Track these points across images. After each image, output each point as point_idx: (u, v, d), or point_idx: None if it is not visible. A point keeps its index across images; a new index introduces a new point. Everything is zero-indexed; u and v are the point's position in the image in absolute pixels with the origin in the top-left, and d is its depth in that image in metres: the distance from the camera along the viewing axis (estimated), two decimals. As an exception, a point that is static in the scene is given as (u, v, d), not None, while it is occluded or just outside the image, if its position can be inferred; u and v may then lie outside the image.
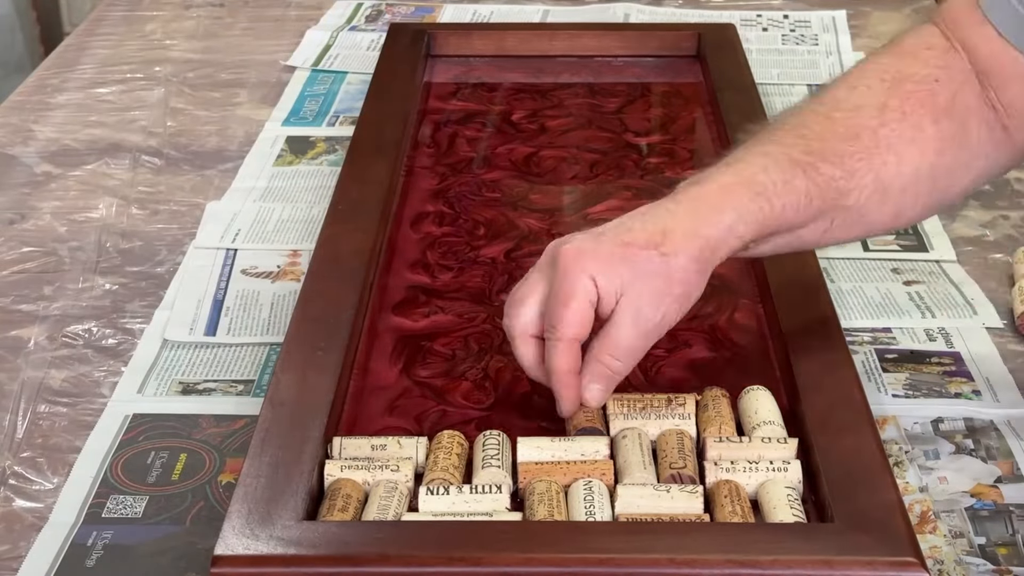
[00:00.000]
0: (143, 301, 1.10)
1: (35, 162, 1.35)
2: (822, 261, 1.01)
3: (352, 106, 1.44)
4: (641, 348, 0.82)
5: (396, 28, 1.48)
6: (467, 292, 1.03)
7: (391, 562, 0.72)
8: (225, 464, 0.90)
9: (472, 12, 1.70)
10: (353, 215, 1.07)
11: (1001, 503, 0.86)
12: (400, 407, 0.89)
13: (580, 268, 0.80)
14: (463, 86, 1.39)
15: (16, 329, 1.06)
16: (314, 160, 1.33)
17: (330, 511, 0.77)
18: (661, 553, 0.71)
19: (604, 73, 1.42)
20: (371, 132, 1.22)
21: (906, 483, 0.87)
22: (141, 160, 1.34)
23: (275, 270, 1.13)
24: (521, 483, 0.80)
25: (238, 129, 1.41)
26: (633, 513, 0.77)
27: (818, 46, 1.60)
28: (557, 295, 0.81)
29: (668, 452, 0.81)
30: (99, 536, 0.84)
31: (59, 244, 1.19)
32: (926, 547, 0.80)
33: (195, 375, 1.00)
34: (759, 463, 0.80)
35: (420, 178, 1.20)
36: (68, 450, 0.92)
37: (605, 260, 0.80)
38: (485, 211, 1.14)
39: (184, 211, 1.24)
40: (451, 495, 0.77)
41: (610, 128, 1.29)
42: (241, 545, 0.72)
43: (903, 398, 0.96)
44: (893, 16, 1.71)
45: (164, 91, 1.50)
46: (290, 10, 1.76)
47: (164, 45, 1.65)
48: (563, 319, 0.80)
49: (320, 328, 0.91)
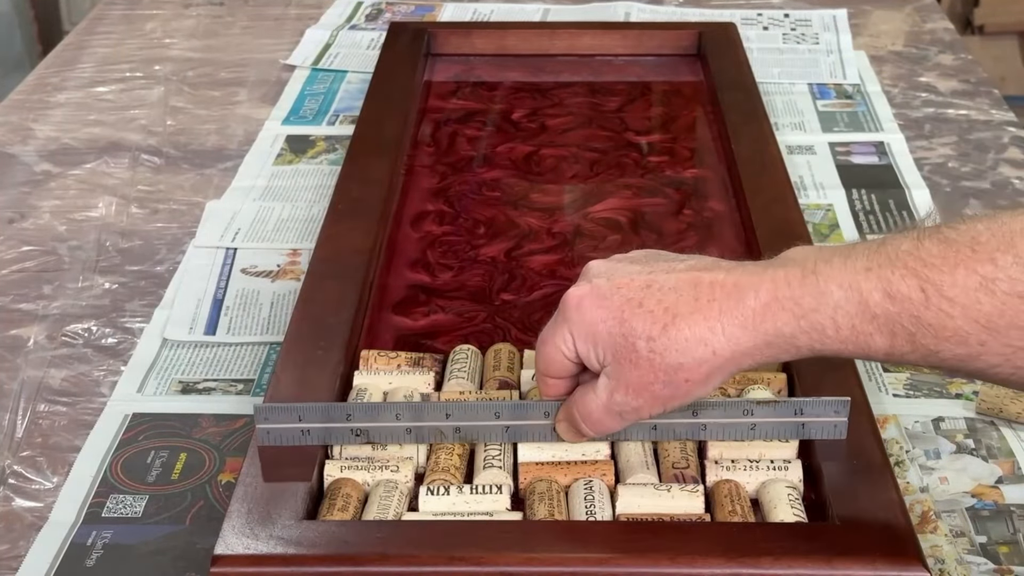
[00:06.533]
0: (143, 300, 1.10)
1: (34, 161, 1.34)
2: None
3: (352, 105, 1.44)
4: (613, 426, 0.76)
5: (396, 27, 1.48)
6: (467, 291, 1.03)
7: (391, 562, 0.71)
8: (225, 463, 0.90)
9: (472, 11, 1.70)
10: (353, 214, 1.06)
11: (1002, 503, 0.86)
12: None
13: (566, 320, 0.75)
14: (463, 85, 1.39)
15: (16, 328, 1.06)
16: (314, 159, 1.33)
17: (330, 511, 0.76)
18: (661, 553, 0.71)
19: (604, 72, 1.42)
20: (371, 131, 1.22)
21: (907, 483, 0.87)
22: (141, 159, 1.34)
23: (275, 269, 1.13)
24: (522, 483, 0.80)
25: (238, 128, 1.41)
26: (634, 513, 0.77)
27: (819, 45, 1.60)
28: (544, 330, 0.77)
29: (671, 452, 0.81)
30: (99, 536, 0.83)
31: (59, 243, 1.19)
32: (927, 546, 0.80)
33: (195, 374, 1.00)
34: (760, 462, 0.80)
35: (420, 177, 1.20)
36: (68, 449, 0.92)
37: (597, 324, 0.73)
38: (485, 210, 1.14)
39: (184, 210, 1.24)
40: (451, 495, 0.77)
41: (610, 127, 1.29)
42: (241, 545, 0.72)
43: (904, 398, 0.96)
44: (894, 15, 1.71)
45: (164, 90, 1.50)
46: (290, 9, 1.76)
47: (164, 44, 1.65)
48: (537, 356, 0.78)
49: (320, 328, 0.91)
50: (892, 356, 0.70)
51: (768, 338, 0.71)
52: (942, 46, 1.62)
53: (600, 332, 0.73)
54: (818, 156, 1.32)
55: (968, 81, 1.52)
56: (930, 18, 1.71)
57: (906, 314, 0.68)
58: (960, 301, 0.67)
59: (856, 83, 1.49)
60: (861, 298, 0.69)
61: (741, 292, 0.71)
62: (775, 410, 0.79)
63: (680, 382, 0.72)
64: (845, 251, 0.71)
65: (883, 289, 0.68)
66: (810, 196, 1.24)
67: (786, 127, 1.38)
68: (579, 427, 0.77)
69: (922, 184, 1.26)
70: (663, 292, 0.72)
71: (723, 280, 0.72)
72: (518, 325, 0.98)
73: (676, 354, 0.72)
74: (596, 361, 0.74)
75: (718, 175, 1.19)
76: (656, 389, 0.73)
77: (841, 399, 0.79)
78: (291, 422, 0.79)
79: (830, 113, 1.42)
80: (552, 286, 1.03)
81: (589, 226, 1.11)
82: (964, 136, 1.38)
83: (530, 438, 0.80)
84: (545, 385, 0.78)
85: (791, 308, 0.70)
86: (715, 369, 0.72)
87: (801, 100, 1.45)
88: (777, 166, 1.14)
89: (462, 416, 0.80)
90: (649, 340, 0.72)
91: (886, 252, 0.69)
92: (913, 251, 0.68)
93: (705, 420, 0.79)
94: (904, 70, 1.55)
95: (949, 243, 0.68)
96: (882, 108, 1.43)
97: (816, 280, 0.70)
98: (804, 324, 0.70)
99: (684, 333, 0.71)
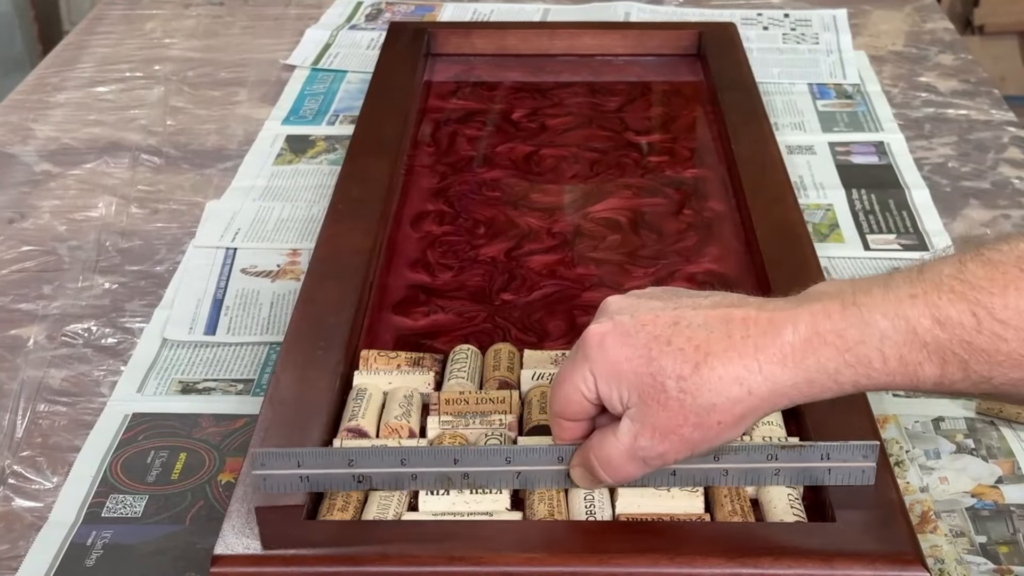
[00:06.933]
0: (142, 300, 1.10)
1: (34, 161, 1.34)
2: (822, 261, 1.01)
3: (352, 105, 1.44)
4: (634, 473, 0.72)
5: (396, 27, 1.48)
6: (467, 291, 1.02)
7: (391, 562, 0.71)
8: (225, 463, 0.90)
9: (472, 11, 1.70)
10: (353, 214, 1.06)
11: (1002, 503, 0.86)
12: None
13: (586, 359, 0.71)
14: (463, 85, 1.39)
15: (15, 328, 1.06)
16: (314, 159, 1.33)
17: (330, 511, 0.76)
18: (661, 553, 0.71)
19: (604, 72, 1.42)
20: (371, 131, 1.22)
21: (907, 483, 0.87)
22: (141, 159, 1.34)
23: (275, 269, 1.13)
24: (521, 483, 0.80)
25: (238, 128, 1.41)
26: (634, 513, 0.77)
27: (819, 45, 1.60)
28: (561, 370, 0.73)
29: (669, 452, 0.81)
30: (99, 536, 0.83)
31: (58, 243, 1.19)
32: (927, 546, 0.80)
33: (195, 374, 1.00)
34: (760, 463, 0.79)
35: (420, 177, 1.20)
36: (67, 449, 0.92)
37: (621, 363, 0.69)
38: (485, 210, 1.14)
39: (184, 210, 1.24)
40: (451, 495, 0.77)
41: (610, 127, 1.29)
42: (241, 545, 0.72)
43: (904, 397, 0.96)
44: (894, 15, 1.71)
45: (164, 90, 1.50)
46: (290, 9, 1.76)
47: (164, 44, 1.65)
48: (552, 396, 0.74)
49: (320, 328, 0.91)
50: (942, 385, 0.67)
51: (810, 375, 0.67)
52: (942, 46, 1.62)
53: (625, 372, 0.69)
54: (818, 156, 1.32)
55: (968, 81, 1.52)
56: (930, 18, 1.71)
57: (957, 340, 0.65)
58: (1014, 323, 0.64)
59: (856, 83, 1.49)
60: (909, 326, 0.66)
61: (777, 327, 0.68)
62: (800, 455, 0.75)
63: (712, 424, 0.68)
64: (883, 280, 0.68)
65: (931, 315, 0.65)
66: (810, 196, 1.24)
67: (786, 127, 1.38)
68: (597, 474, 0.73)
69: (922, 184, 1.26)
70: (692, 329, 0.69)
71: (756, 316, 0.68)
72: (518, 325, 0.98)
73: (709, 394, 0.68)
74: (619, 403, 0.70)
75: (718, 175, 1.19)
76: (685, 432, 0.69)
77: (870, 443, 0.74)
78: (289, 468, 0.75)
79: (830, 113, 1.42)
80: (552, 286, 1.03)
81: (589, 226, 1.11)
82: (964, 136, 1.38)
83: (543, 484, 0.77)
84: (560, 428, 0.74)
85: (834, 342, 0.67)
86: (749, 410, 0.68)
87: (801, 100, 1.45)
88: (777, 166, 1.14)
89: (470, 461, 0.76)
90: (680, 379, 0.68)
91: (930, 278, 0.66)
92: (957, 275, 0.66)
93: (727, 465, 0.75)
94: (904, 70, 1.55)
95: (994, 264, 0.65)
96: (882, 108, 1.43)
97: (859, 311, 0.67)
98: (849, 358, 0.67)
99: (718, 372, 0.67)
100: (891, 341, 0.66)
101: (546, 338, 0.96)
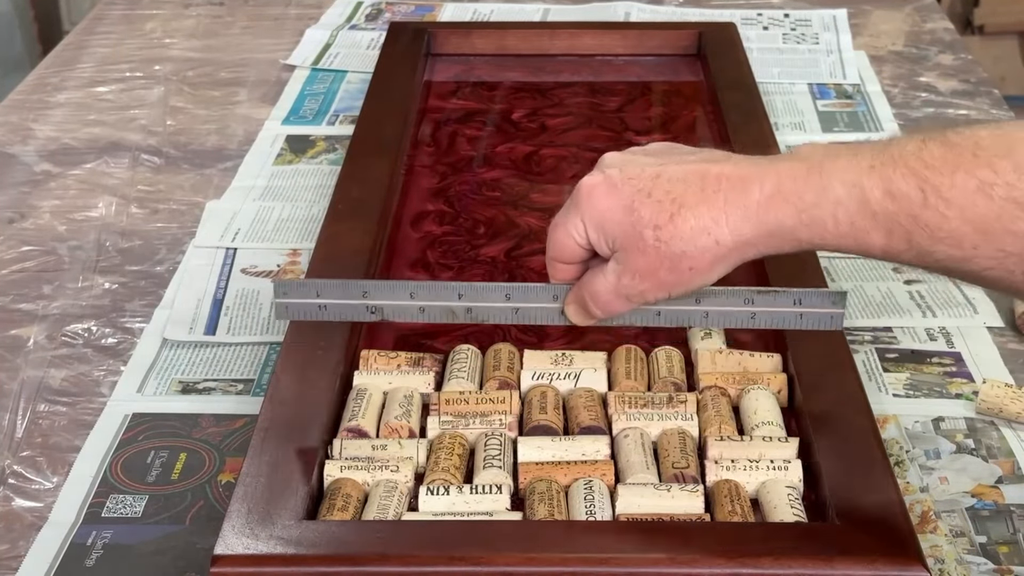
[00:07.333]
0: (143, 300, 1.10)
1: (34, 161, 1.34)
2: (822, 260, 1.01)
3: (352, 105, 1.44)
4: (620, 308, 0.79)
5: (396, 27, 1.48)
6: (467, 291, 1.02)
7: (391, 562, 0.71)
8: (225, 463, 0.90)
9: (472, 11, 1.70)
10: (353, 214, 1.06)
11: (1002, 503, 0.86)
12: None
13: (578, 208, 0.77)
14: (463, 85, 1.39)
15: (16, 328, 1.06)
16: (314, 159, 1.33)
17: (330, 511, 0.76)
18: (661, 553, 0.71)
19: (604, 72, 1.42)
20: (371, 131, 1.22)
21: (907, 483, 0.87)
22: (141, 159, 1.34)
23: (275, 269, 1.13)
24: (522, 483, 0.80)
25: (238, 128, 1.41)
26: (634, 513, 0.77)
27: (819, 45, 1.60)
28: (556, 217, 0.80)
29: (670, 452, 0.81)
30: (99, 536, 0.83)
31: (58, 243, 1.19)
32: (927, 546, 0.80)
33: (195, 374, 1.00)
34: (760, 462, 0.80)
35: (420, 177, 1.20)
36: (68, 449, 0.92)
37: (606, 213, 0.76)
38: (485, 210, 1.14)
39: (184, 210, 1.24)
40: (451, 495, 0.77)
41: (610, 127, 1.29)
42: (241, 545, 0.72)
43: (904, 398, 0.96)
44: (894, 15, 1.71)
45: (164, 90, 1.50)
46: (290, 9, 1.76)
47: (164, 44, 1.65)
48: (548, 241, 0.80)
49: (320, 328, 0.91)
50: (888, 254, 0.71)
51: (770, 228, 0.73)
52: (942, 46, 1.62)
53: (609, 220, 0.75)
54: (818, 156, 1.32)
55: (968, 81, 1.52)
56: (930, 18, 1.71)
57: (904, 213, 0.69)
58: (957, 203, 0.68)
59: (856, 83, 1.49)
60: (862, 195, 0.70)
61: (746, 184, 0.73)
62: (775, 299, 0.80)
63: (684, 270, 0.74)
64: (853, 149, 0.72)
65: (884, 187, 0.70)
66: (810, 196, 1.24)
67: (786, 127, 1.38)
68: (588, 308, 0.79)
69: (922, 184, 1.26)
70: (671, 183, 0.74)
71: (729, 172, 0.74)
72: (518, 325, 0.98)
73: (681, 243, 0.74)
74: (606, 247, 0.77)
75: (718, 175, 1.19)
76: (661, 275, 0.75)
77: (838, 291, 0.80)
78: (309, 297, 0.81)
79: (830, 113, 1.42)
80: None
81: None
82: (964, 136, 1.37)
83: (539, 320, 0.82)
84: (555, 269, 0.80)
85: (794, 202, 0.72)
86: (718, 258, 0.74)
87: (801, 100, 1.45)
88: (777, 166, 1.14)
89: (474, 297, 0.81)
90: (656, 229, 0.74)
91: (890, 152, 0.70)
92: (916, 152, 0.69)
93: (707, 308, 0.80)
94: (904, 70, 1.55)
95: (952, 146, 0.69)
96: (882, 108, 1.43)
97: (820, 176, 0.71)
98: (805, 218, 0.72)
99: (689, 223, 0.73)
100: (844, 207, 0.71)
101: (546, 338, 0.96)
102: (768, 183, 0.73)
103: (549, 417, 0.84)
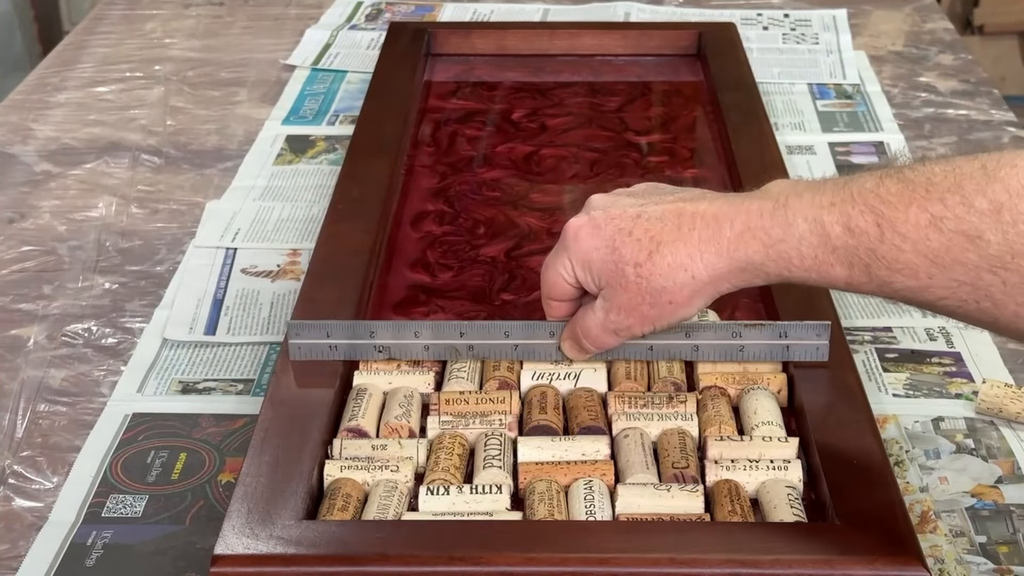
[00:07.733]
0: (143, 300, 1.10)
1: (34, 161, 1.35)
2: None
3: (352, 105, 1.44)
4: (610, 342, 0.83)
5: (396, 27, 1.48)
6: (467, 291, 1.02)
7: (391, 562, 0.71)
8: (225, 463, 0.90)
9: (472, 11, 1.70)
10: (353, 214, 1.06)
11: (1002, 503, 0.86)
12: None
13: (566, 249, 0.81)
14: (463, 85, 1.39)
15: (16, 328, 1.06)
16: (314, 159, 1.33)
17: (330, 511, 0.76)
18: (661, 553, 0.71)
19: (604, 72, 1.42)
20: (371, 131, 1.22)
21: (907, 483, 0.87)
22: (141, 159, 1.34)
23: (275, 269, 1.13)
24: (521, 483, 0.80)
25: (238, 128, 1.41)
26: (634, 513, 0.77)
27: (819, 45, 1.60)
28: (547, 258, 0.84)
29: (670, 452, 0.81)
30: (99, 535, 0.84)
31: (59, 243, 1.19)
32: (926, 546, 0.80)
33: (195, 374, 1.00)
34: (760, 462, 0.80)
35: (420, 177, 1.20)
36: (68, 449, 0.92)
37: (591, 252, 0.80)
38: (485, 210, 1.14)
39: (184, 210, 1.24)
40: (451, 495, 0.77)
41: (610, 127, 1.29)
42: (241, 545, 0.72)
43: (903, 398, 0.96)
44: (894, 15, 1.71)
45: (164, 90, 1.50)
46: (290, 9, 1.76)
47: (164, 44, 1.65)
48: (541, 281, 0.84)
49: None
50: (851, 286, 0.75)
51: (740, 264, 0.76)
52: (942, 46, 1.62)
53: (594, 259, 0.80)
54: (818, 156, 1.32)
55: (968, 81, 1.52)
56: (930, 18, 1.71)
57: (863, 247, 0.73)
58: (911, 237, 0.71)
59: (856, 83, 1.49)
60: (823, 231, 0.74)
61: (719, 222, 0.77)
62: (761, 333, 0.85)
63: (664, 304, 0.79)
64: (817, 186, 0.76)
65: (843, 223, 0.73)
66: (810, 196, 1.24)
67: (786, 127, 1.38)
68: (581, 343, 0.84)
69: (922, 184, 1.26)
70: (650, 222, 0.79)
71: (704, 211, 0.78)
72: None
73: (660, 279, 0.78)
74: (593, 284, 0.81)
75: (718, 175, 1.19)
76: (644, 310, 0.79)
77: (822, 323, 0.85)
78: (320, 338, 0.86)
79: (830, 113, 1.42)
80: (552, 286, 1.03)
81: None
82: (964, 136, 1.38)
83: (537, 356, 0.87)
84: (550, 307, 0.85)
85: (761, 238, 0.76)
86: (695, 292, 0.78)
87: (801, 100, 1.45)
88: (777, 166, 1.14)
89: (475, 335, 0.86)
90: (636, 266, 0.78)
91: (850, 189, 0.74)
92: (874, 189, 0.73)
93: (697, 341, 0.85)
94: (904, 70, 1.55)
95: (907, 183, 0.72)
96: (882, 108, 1.43)
97: (785, 213, 0.75)
98: (772, 253, 0.76)
99: (667, 260, 0.78)
100: (807, 242, 0.74)
101: (546, 338, 0.96)
102: (738, 221, 0.76)
103: (549, 417, 0.84)
